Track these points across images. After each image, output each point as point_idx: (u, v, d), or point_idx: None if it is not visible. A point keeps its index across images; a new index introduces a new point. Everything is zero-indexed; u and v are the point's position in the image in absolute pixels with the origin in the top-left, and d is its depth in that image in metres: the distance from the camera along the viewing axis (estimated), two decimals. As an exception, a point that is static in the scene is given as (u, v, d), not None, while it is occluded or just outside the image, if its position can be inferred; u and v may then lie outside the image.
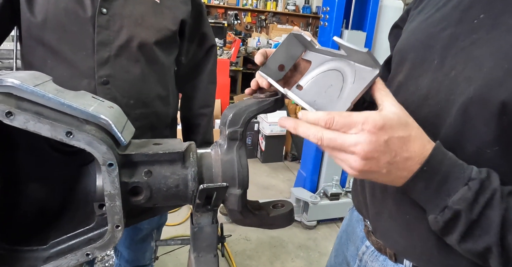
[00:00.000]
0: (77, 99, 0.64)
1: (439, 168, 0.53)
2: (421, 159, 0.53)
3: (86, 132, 0.58)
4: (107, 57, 1.08)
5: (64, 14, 1.04)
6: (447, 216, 0.54)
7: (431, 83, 0.65)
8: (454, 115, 0.59)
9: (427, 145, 0.54)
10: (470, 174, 0.53)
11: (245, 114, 0.68)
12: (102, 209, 0.72)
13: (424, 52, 0.69)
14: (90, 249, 0.67)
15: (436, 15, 0.70)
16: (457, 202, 0.52)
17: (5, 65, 3.21)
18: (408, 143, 0.52)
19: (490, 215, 0.52)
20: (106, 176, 0.61)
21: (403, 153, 0.52)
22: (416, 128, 0.54)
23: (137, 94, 1.13)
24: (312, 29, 8.20)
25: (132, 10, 1.11)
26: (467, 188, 0.52)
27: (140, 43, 1.11)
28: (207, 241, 0.75)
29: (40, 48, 1.07)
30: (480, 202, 0.52)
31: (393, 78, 0.77)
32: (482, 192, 0.52)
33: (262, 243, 2.70)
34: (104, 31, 1.07)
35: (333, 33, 2.59)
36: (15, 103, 0.57)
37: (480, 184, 0.52)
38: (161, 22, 1.16)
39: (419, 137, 0.54)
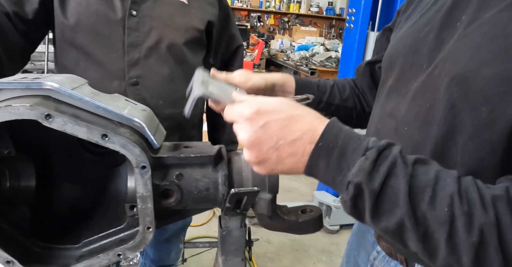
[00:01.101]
0: (111, 102, 0.66)
1: (335, 142, 0.50)
2: (313, 137, 0.51)
3: (121, 135, 0.59)
4: (137, 58, 1.10)
5: (95, 17, 1.07)
6: (351, 192, 0.49)
7: (419, 85, 0.65)
8: (443, 111, 0.59)
9: (317, 122, 0.52)
10: (367, 144, 0.50)
11: (276, 119, 0.68)
12: (133, 210, 0.73)
13: (412, 57, 0.69)
14: (122, 249, 0.68)
15: (421, 20, 0.71)
16: (356, 174, 0.48)
17: (36, 67, 3.33)
18: (289, 123, 0.51)
19: (394, 184, 0.48)
20: (139, 178, 0.62)
21: (287, 135, 0.51)
22: (301, 108, 0.52)
23: (166, 95, 1.14)
24: (336, 31, 8.13)
25: (161, 12, 1.13)
26: (365, 158, 0.49)
27: (169, 44, 1.13)
28: (235, 245, 0.75)
29: (72, 51, 1.11)
30: (380, 171, 0.48)
31: (384, 83, 0.78)
32: (381, 160, 0.49)
33: (283, 246, 2.69)
34: (134, 33, 1.09)
35: (359, 35, 2.56)
36: (53, 106, 0.59)
37: (378, 152, 0.49)
38: (189, 23, 1.17)
39: (305, 114, 0.52)
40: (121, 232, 0.74)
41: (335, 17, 8.15)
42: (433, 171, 0.49)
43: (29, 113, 0.57)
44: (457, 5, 0.64)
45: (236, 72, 0.81)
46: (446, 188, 0.47)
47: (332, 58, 4.27)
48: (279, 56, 5.71)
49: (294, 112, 0.52)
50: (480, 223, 0.46)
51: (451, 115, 0.58)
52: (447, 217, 0.46)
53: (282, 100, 0.54)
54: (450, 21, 0.64)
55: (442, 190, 0.47)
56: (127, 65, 1.09)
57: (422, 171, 0.49)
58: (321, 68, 4.10)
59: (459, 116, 0.57)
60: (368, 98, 0.98)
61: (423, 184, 0.48)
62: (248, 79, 0.79)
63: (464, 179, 0.50)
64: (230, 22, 1.36)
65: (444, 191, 0.47)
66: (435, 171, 0.49)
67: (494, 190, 0.49)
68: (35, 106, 0.56)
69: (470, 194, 0.47)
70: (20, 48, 1.07)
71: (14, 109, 0.56)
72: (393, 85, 0.74)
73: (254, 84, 0.79)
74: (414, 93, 0.66)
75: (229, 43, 1.39)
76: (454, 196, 0.47)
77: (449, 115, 0.58)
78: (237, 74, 0.80)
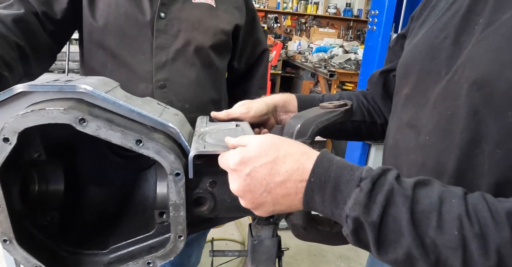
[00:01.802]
0: (144, 106, 0.64)
1: (327, 175, 0.49)
2: (303, 175, 0.50)
3: (155, 141, 0.57)
4: (165, 61, 1.08)
5: (124, 19, 1.06)
6: (351, 227, 0.47)
7: (439, 93, 0.63)
8: (466, 118, 0.57)
9: (304, 158, 0.50)
10: (360, 174, 0.48)
11: (314, 125, 0.65)
12: (162, 216, 0.71)
13: (429, 64, 0.67)
14: (152, 258, 0.66)
15: (437, 26, 0.69)
16: (352, 207, 0.46)
17: (58, 67, 3.37)
18: (275, 165, 0.50)
19: (395, 212, 0.45)
20: (172, 186, 0.60)
21: (274, 177, 0.51)
22: (286, 147, 0.52)
23: (192, 98, 1.13)
24: (353, 33, 8.05)
25: (189, 14, 1.12)
26: (359, 189, 0.46)
27: (197, 47, 1.11)
28: (266, 255, 0.72)
29: (100, 52, 1.10)
30: (377, 201, 0.46)
31: (399, 92, 0.76)
32: (377, 190, 0.46)
33: (301, 250, 2.65)
34: (162, 35, 1.08)
35: (382, 38, 2.51)
36: (87, 110, 0.57)
37: (372, 182, 0.46)
38: (217, 26, 1.16)
39: (290, 154, 0.51)
40: (150, 239, 0.72)
41: (352, 18, 8.07)
42: (436, 193, 0.46)
43: (63, 117, 0.55)
44: (472, 9, 0.62)
45: (236, 106, 0.82)
46: (452, 210, 0.44)
47: (351, 60, 4.21)
48: (296, 57, 5.67)
49: (279, 153, 0.51)
50: (496, 244, 0.42)
51: (474, 122, 0.55)
52: (459, 241, 0.43)
53: (264, 143, 0.52)
54: (467, 26, 0.62)
55: (448, 213, 0.44)
56: (154, 67, 1.08)
57: (423, 194, 0.46)
58: (340, 70, 4.04)
59: (484, 123, 0.54)
60: (381, 109, 0.95)
61: (426, 208, 0.45)
62: (249, 109, 0.80)
63: (471, 196, 0.46)
64: (256, 26, 1.34)
65: (451, 213, 0.44)
66: (438, 192, 0.46)
67: (507, 203, 0.45)
68: (69, 110, 0.55)
69: (480, 213, 0.44)
70: (48, 48, 1.07)
71: (47, 113, 0.55)
72: (410, 93, 0.71)
73: (256, 113, 0.81)
74: (434, 101, 0.64)
75: (255, 47, 1.37)
76: (463, 218, 0.44)
77: (473, 122, 0.56)
78: (237, 107, 0.81)
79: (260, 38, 1.38)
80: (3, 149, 0.55)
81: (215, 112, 0.81)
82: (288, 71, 6.53)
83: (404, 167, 0.68)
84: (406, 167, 0.68)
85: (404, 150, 0.68)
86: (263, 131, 0.85)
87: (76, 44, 3.80)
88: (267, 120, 0.86)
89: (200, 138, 0.65)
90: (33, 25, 0.99)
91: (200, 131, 0.70)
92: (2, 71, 0.85)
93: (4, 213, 0.59)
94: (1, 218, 0.60)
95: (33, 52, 0.99)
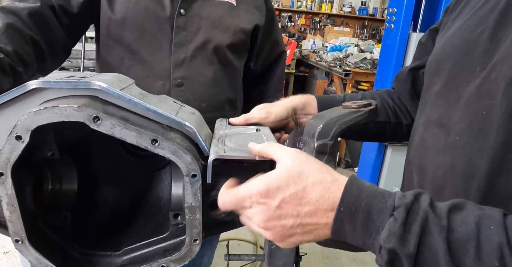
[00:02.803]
0: (160, 104, 0.61)
1: (358, 204, 0.46)
2: (333, 203, 0.47)
3: (171, 141, 0.54)
4: (183, 58, 1.07)
5: (144, 14, 1.04)
6: (385, 258, 0.45)
7: (473, 90, 0.60)
8: (502, 119, 0.54)
9: (335, 186, 0.48)
10: (393, 202, 0.45)
11: (336, 126, 0.62)
12: (177, 218, 0.69)
13: (463, 59, 0.64)
14: (166, 261, 0.64)
15: (472, 19, 0.66)
16: (387, 239, 0.44)
17: (73, 65, 3.39)
18: (306, 195, 0.48)
19: (431, 242, 0.43)
20: (188, 187, 0.57)
21: (305, 207, 0.48)
22: (315, 174, 0.49)
23: (209, 97, 1.11)
24: (368, 32, 7.94)
25: (210, 12, 1.10)
26: (393, 219, 0.44)
27: (216, 45, 1.09)
28: (283, 260, 0.70)
29: (118, 48, 1.08)
30: (412, 231, 0.44)
31: (429, 89, 0.72)
32: (411, 219, 0.44)
33: (314, 252, 2.61)
34: (182, 32, 1.06)
35: (400, 36, 2.45)
36: (101, 108, 0.55)
37: (407, 211, 0.44)
38: (237, 25, 1.14)
39: (320, 181, 0.48)
40: (164, 241, 0.70)
41: (368, 17, 7.96)
42: (473, 218, 0.44)
43: (76, 115, 0.53)
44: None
45: (254, 110, 0.79)
46: (492, 238, 0.42)
47: (367, 59, 4.14)
48: (311, 56, 5.61)
49: (308, 181, 0.48)
50: None
51: (511, 123, 0.52)
52: None
53: (291, 169, 0.49)
54: (506, 20, 0.59)
55: (487, 241, 0.42)
56: (172, 65, 1.06)
57: (459, 222, 0.44)
58: (356, 69, 3.97)
59: None
60: (409, 109, 0.91)
61: (463, 237, 0.42)
62: (268, 114, 0.77)
63: (511, 221, 0.43)
64: (274, 27, 1.32)
65: (490, 241, 0.41)
66: (475, 217, 0.44)
67: None
68: (83, 108, 0.53)
69: None
70: (63, 43, 1.05)
71: (61, 110, 0.53)
72: (440, 90, 0.68)
73: (276, 118, 0.78)
74: (467, 100, 0.60)
75: (272, 49, 1.35)
76: (503, 247, 0.41)
77: (509, 124, 0.53)
78: (256, 111, 0.78)
79: (278, 40, 1.36)
80: (15, 147, 0.54)
81: (233, 118, 0.79)
82: (301, 71, 6.48)
83: (430, 168, 0.64)
84: (432, 168, 0.64)
85: (431, 150, 0.65)
86: (283, 137, 0.82)
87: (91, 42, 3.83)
88: (287, 124, 0.83)
89: (220, 141, 0.63)
90: (49, 19, 0.98)
91: (220, 134, 0.67)
92: (16, 67, 0.84)
93: (16, 213, 0.58)
94: (13, 217, 0.58)
95: (48, 47, 0.98)
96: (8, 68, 0.82)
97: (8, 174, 0.55)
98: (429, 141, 0.67)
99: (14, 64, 0.84)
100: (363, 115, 0.63)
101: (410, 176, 0.71)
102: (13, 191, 0.56)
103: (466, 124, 0.59)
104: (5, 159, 0.54)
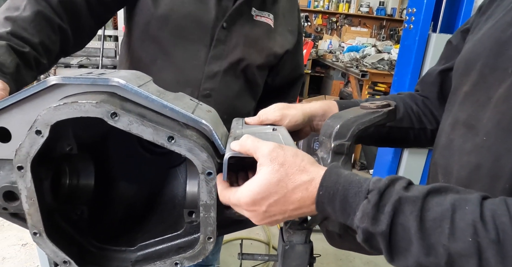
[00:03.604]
0: (177, 101, 0.62)
1: (335, 188, 0.50)
2: (316, 185, 0.52)
3: (188, 138, 0.54)
4: (216, 71, 1.07)
5: (188, 19, 1.04)
6: (362, 237, 0.49)
7: (504, 92, 0.58)
8: None
9: (312, 186, 0.52)
10: (367, 186, 0.49)
11: (354, 126, 0.61)
12: (191, 216, 0.69)
13: (494, 60, 0.62)
14: (180, 258, 0.64)
15: (505, 19, 0.64)
16: (361, 219, 0.48)
17: (92, 62, 3.45)
18: (288, 198, 0.52)
19: (403, 221, 0.45)
20: (203, 185, 0.57)
21: (290, 206, 0.53)
22: (293, 178, 0.52)
23: (232, 109, 1.12)
24: (386, 32, 7.83)
25: (250, 31, 1.10)
26: (367, 201, 0.47)
27: (248, 64, 1.11)
28: (297, 261, 0.69)
29: (153, 46, 1.08)
30: (385, 212, 0.46)
31: (458, 89, 0.71)
32: (384, 201, 0.47)
33: (327, 254, 2.59)
34: (220, 46, 1.06)
35: (419, 37, 2.41)
36: (119, 104, 0.56)
37: (380, 194, 0.47)
38: (271, 48, 1.15)
39: (298, 184, 0.52)
40: (178, 238, 0.70)
41: (385, 17, 7.85)
42: (449, 200, 0.45)
43: (95, 111, 0.54)
44: None
45: (271, 109, 0.79)
46: (466, 217, 0.43)
47: (384, 60, 4.08)
48: (327, 57, 5.57)
49: (287, 189, 0.52)
50: None
51: None
52: (473, 249, 0.42)
53: (270, 180, 0.52)
54: None
55: (462, 219, 0.43)
56: (205, 76, 1.06)
57: (435, 202, 0.45)
58: (373, 70, 3.92)
59: None
60: (435, 113, 0.88)
61: (438, 216, 0.44)
62: (283, 117, 0.77)
63: (491, 201, 0.45)
64: (299, 50, 1.33)
65: (465, 219, 0.43)
66: (452, 199, 0.45)
67: None
68: (101, 104, 0.53)
69: (498, 218, 0.42)
70: (89, 30, 1.04)
71: (80, 106, 0.54)
72: (469, 91, 0.66)
73: (290, 122, 0.78)
74: (497, 101, 0.59)
75: (293, 70, 1.35)
76: (477, 224, 0.42)
77: None
78: (272, 112, 0.78)
79: (300, 63, 1.37)
80: (35, 141, 0.54)
81: (249, 118, 0.79)
82: (317, 71, 6.44)
83: (455, 169, 0.63)
84: (456, 168, 0.63)
85: (457, 151, 0.64)
86: None
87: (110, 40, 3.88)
88: (302, 129, 0.82)
89: (236, 140, 0.62)
90: (79, 6, 0.96)
91: (236, 133, 0.67)
92: (41, 59, 0.84)
93: (35, 206, 0.59)
94: (32, 210, 0.59)
95: (74, 34, 0.96)
96: (33, 62, 0.82)
97: (27, 167, 0.56)
98: (456, 141, 0.65)
99: (39, 56, 0.84)
100: (382, 116, 0.62)
101: (435, 177, 0.70)
102: (32, 184, 0.57)
103: (494, 124, 0.58)
104: (25, 153, 0.55)
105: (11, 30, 0.79)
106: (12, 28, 0.79)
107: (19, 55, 0.77)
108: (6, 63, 0.73)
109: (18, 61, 0.76)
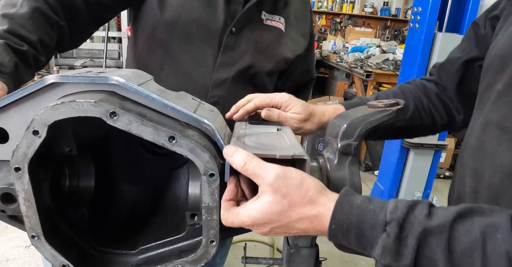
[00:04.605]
0: (179, 101, 0.60)
1: (349, 221, 0.47)
2: (320, 230, 0.50)
3: (189, 138, 0.53)
4: (224, 79, 1.05)
5: (195, 24, 1.01)
6: None
7: None
8: None
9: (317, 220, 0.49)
10: (384, 217, 0.45)
11: (362, 126, 0.59)
12: (194, 218, 0.68)
13: None
14: (182, 262, 0.62)
15: None
16: (382, 256, 0.44)
17: (95, 64, 3.45)
18: (292, 226, 0.51)
19: (430, 254, 0.42)
20: (205, 187, 0.55)
21: (293, 231, 0.52)
22: (296, 209, 0.49)
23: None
24: (390, 33, 7.80)
25: (259, 37, 1.07)
26: (386, 235, 0.44)
27: (257, 71, 1.08)
28: (303, 265, 0.67)
29: (159, 52, 1.05)
30: (408, 245, 0.43)
31: (491, 87, 0.67)
32: (406, 233, 0.43)
33: (333, 257, 2.56)
34: (229, 52, 1.04)
35: (424, 36, 2.38)
36: (119, 103, 0.54)
37: (399, 226, 0.44)
38: (281, 54, 1.13)
39: (301, 217, 0.49)
40: (180, 242, 0.69)
41: (390, 18, 7.82)
42: (478, 227, 0.42)
43: (93, 110, 0.52)
44: None
45: (278, 97, 0.80)
46: (498, 246, 0.40)
47: (389, 60, 4.05)
48: (331, 57, 5.54)
49: (290, 219, 0.50)
50: None
51: None
52: None
53: (271, 211, 0.50)
54: None
55: (494, 250, 0.40)
56: (212, 83, 1.04)
57: (463, 231, 0.42)
58: (377, 70, 3.89)
59: None
60: (449, 105, 0.85)
61: (468, 246, 0.41)
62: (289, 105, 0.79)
63: None
64: (310, 54, 1.30)
65: (497, 250, 0.40)
66: (480, 226, 0.42)
67: None
68: (100, 103, 0.52)
69: None
70: (87, 29, 1.02)
71: (78, 105, 0.52)
72: (503, 90, 0.62)
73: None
74: None
75: (303, 74, 1.33)
76: (511, 255, 0.39)
77: None
78: (279, 98, 0.80)
79: (311, 67, 1.34)
80: (32, 142, 0.53)
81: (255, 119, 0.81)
82: (321, 72, 6.40)
83: (487, 173, 0.60)
84: (488, 172, 0.60)
85: (490, 154, 0.60)
86: None
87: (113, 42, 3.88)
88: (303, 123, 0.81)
89: (239, 140, 0.60)
90: (77, 4, 0.94)
91: (239, 133, 0.65)
92: (39, 57, 0.83)
93: (33, 208, 0.57)
94: (30, 213, 0.58)
95: (72, 32, 0.95)
96: (32, 60, 0.81)
97: (25, 169, 0.54)
98: (487, 144, 0.62)
99: (37, 54, 0.83)
100: (390, 115, 0.60)
101: (462, 180, 0.67)
102: (30, 186, 0.55)
103: None
104: (22, 153, 0.53)
105: (8, 28, 0.77)
106: (10, 26, 0.78)
107: (17, 54, 0.76)
108: (4, 63, 0.71)
109: (16, 60, 0.75)
